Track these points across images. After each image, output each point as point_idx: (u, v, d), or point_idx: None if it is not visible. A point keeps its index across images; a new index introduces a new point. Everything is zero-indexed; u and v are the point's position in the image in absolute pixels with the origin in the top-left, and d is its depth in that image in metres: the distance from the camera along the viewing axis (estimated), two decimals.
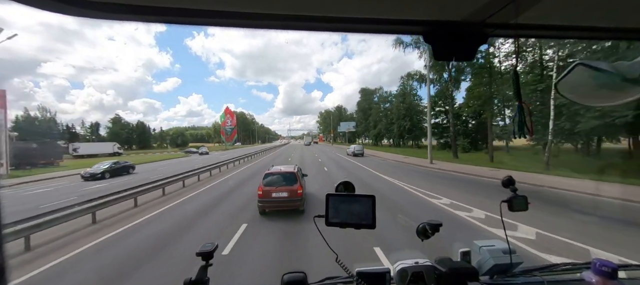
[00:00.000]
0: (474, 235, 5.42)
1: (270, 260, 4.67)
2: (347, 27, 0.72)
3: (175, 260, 4.79)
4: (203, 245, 1.12)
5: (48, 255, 5.30)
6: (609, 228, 5.80)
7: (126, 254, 5.18)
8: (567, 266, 1.23)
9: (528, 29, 0.75)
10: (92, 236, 6.26)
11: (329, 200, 0.98)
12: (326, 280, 1.23)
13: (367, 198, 0.96)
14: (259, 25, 0.70)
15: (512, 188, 1.12)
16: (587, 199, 8.33)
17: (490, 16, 0.65)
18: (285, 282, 1.08)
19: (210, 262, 1.10)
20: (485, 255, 1.18)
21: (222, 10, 0.63)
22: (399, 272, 1.11)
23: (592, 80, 0.73)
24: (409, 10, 0.66)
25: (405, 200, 8.75)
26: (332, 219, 0.97)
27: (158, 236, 6.11)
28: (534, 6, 0.62)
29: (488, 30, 0.71)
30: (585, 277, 1.02)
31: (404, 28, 0.73)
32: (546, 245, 4.82)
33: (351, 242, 4.92)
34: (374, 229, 0.94)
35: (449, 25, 0.70)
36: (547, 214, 6.56)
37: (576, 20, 0.74)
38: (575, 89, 0.81)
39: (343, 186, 1.05)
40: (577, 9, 0.68)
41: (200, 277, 1.04)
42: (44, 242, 5.91)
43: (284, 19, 0.67)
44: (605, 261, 0.96)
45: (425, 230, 1.15)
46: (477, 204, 7.62)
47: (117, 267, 4.68)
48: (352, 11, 0.66)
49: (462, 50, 0.73)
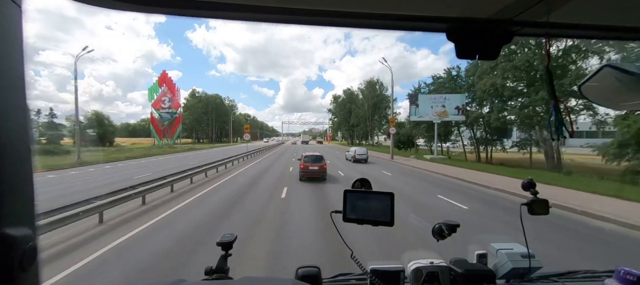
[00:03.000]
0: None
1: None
2: (369, 24, 0.71)
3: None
4: (222, 235, 1.16)
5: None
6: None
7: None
8: (587, 273, 1.20)
9: (558, 28, 0.71)
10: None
11: (346, 196, 0.99)
12: (340, 276, 1.24)
13: (386, 195, 0.96)
14: (269, 19, 0.66)
15: (533, 191, 1.09)
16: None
17: (519, 14, 0.63)
18: (299, 276, 1.10)
19: (229, 252, 1.15)
20: (502, 258, 1.16)
21: (226, 2, 0.60)
22: (413, 271, 1.11)
23: (620, 83, 0.70)
24: (434, 6, 0.65)
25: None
26: (350, 214, 0.97)
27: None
28: (566, 5, 0.59)
29: (515, 29, 0.69)
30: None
31: (427, 25, 0.71)
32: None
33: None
34: (392, 226, 0.94)
35: (474, 22, 0.68)
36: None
37: (610, 20, 0.70)
38: (602, 92, 0.79)
39: (360, 183, 1.06)
40: (612, 8, 0.65)
41: (221, 266, 1.09)
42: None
43: (296, 13, 0.64)
44: (629, 270, 0.92)
45: (442, 231, 1.14)
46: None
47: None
48: (375, 7, 0.65)
49: (486, 48, 0.71)
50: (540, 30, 0.68)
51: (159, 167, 18.64)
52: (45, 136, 34.52)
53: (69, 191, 10.26)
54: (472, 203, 8.82)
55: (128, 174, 15.52)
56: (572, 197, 9.01)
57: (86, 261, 4.52)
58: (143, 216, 7.17)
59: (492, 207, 8.50)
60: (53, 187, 11.48)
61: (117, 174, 16.16)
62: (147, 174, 14.52)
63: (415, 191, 10.76)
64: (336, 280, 1.23)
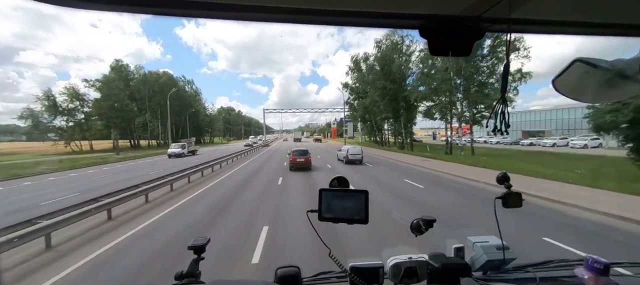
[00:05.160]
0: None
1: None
2: (343, 21, 0.70)
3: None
4: (195, 239, 1.12)
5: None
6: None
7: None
8: (561, 262, 1.24)
9: (523, 24, 0.74)
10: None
11: (322, 195, 0.98)
12: (320, 275, 1.23)
13: (360, 193, 0.97)
14: (252, 18, 0.67)
15: (507, 184, 1.12)
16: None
17: (487, 10, 0.64)
18: (279, 276, 1.08)
19: (202, 256, 1.11)
20: (478, 251, 1.19)
21: (212, 1, 0.60)
22: (392, 267, 1.11)
23: (590, 77, 0.72)
24: (407, 3, 0.65)
25: None
26: (325, 213, 0.97)
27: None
28: (530, 1, 0.61)
29: (485, 25, 0.70)
30: (577, 274, 1.03)
31: (401, 22, 0.72)
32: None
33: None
34: (366, 224, 0.94)
35: (446, 19, 0.69)
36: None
37: (573, 16, 0.73)
38: (573, 86, 0.81)
39: (337, 181, 1.05)
40: (574, 3, 0.67)
41: (192, 270, 1.06)
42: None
43: (278, 12, 0.64)
44: (597, 258, 0.98)
45: (419, 226, 1.16)
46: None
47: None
48: (349, 4, 0.64)
49: (458, 45, 0.72)
50: (507, 26, 0.70)
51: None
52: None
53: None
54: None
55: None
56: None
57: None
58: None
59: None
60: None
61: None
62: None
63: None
64: (316, 279, 1.22)
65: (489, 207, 1.13)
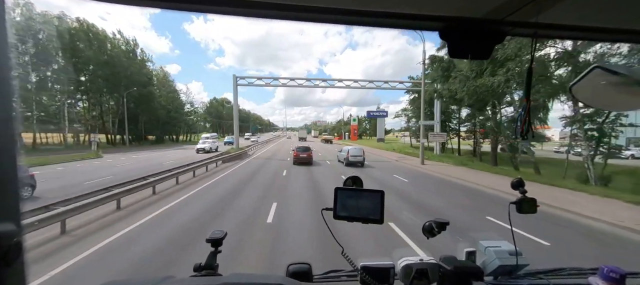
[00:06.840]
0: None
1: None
2: (362, 21, 0.70)
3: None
4: (212, 232, 1.15)
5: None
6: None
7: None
8: (573, 270, 1.23)
9: (547, 29, 0.73)
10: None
11: (337, 194, 0.99)
12: (330, 273, 1.25)
13: (376, 193, 0.97)
14: (264, 15, 0.66)
15: (521, 190, 1.11)
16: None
17: (511, 14, 0.63)
18: (290, 272, 1.10)
19: (219, 249, 1.14)
20: (490, 256, 1.18)
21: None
22: (403, 268, 1.11)
23: (610, 84, 0.71)
24: (428, 5, 0.65)
25: None
26: (340, 212, 0.98)
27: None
28: (555, 5, 0.60)
29: (507, 29, 0.69)
30: (591, 282, 1.01)
31: (421, 24, 0.72)
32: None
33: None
34: (381, 223, 0.95)
35: (468, 22, 0.68)
36: None
37: (599, 22, 0.71)
38: (592, 93, 0.79)
39: (351, 181, 1.06)
40: (602, 9, 0.66)
41: (210, 263, 1.08)
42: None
43: (292, 10, 0.64)
44: (613, 267, 0.95)
45: (432, 228, 1.15)
46: None
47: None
48: (369, 4, 0.64)
49: (478, 48, 0.72)
50: (530, 30, 0.69)
51: None
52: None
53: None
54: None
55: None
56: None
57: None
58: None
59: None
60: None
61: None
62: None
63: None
64: (327, 276, 1.23)
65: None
